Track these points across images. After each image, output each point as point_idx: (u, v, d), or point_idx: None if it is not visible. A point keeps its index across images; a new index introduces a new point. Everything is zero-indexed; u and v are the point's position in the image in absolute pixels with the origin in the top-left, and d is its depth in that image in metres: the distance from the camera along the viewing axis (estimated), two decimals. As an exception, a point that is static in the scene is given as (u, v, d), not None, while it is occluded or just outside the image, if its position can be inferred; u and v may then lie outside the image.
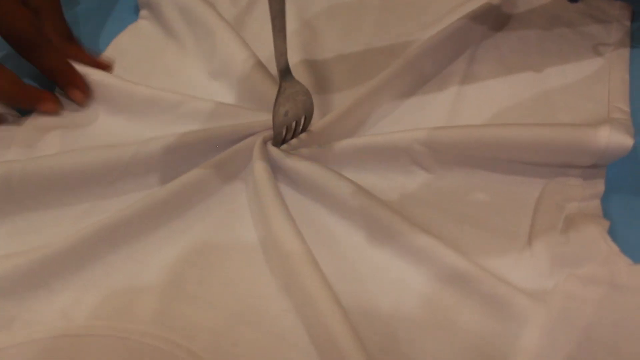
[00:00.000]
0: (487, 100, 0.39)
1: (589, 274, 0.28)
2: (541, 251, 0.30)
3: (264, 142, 0.35)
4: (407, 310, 0.29)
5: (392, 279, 0.30)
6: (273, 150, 0.35)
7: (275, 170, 0.35)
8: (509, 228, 0.32)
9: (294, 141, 0.36)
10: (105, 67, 0.42)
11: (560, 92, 0.38)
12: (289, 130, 0.35)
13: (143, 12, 0.48)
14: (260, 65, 0.39)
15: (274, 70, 0.34)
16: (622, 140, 0.31)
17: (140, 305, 0.29)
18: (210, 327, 0.29)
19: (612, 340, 0.26)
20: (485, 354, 0.26)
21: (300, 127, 0.36)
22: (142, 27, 0.47)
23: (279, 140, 0.36)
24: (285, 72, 0.34)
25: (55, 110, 0.39)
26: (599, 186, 0.32)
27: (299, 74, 0.40)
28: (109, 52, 0.45)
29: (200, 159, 0.35)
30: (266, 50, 0.36)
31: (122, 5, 0.51)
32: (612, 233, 0.30)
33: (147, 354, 0.27)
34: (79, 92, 0.39)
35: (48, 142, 0.38)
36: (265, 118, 0.36)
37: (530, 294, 0.27)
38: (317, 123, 0.36)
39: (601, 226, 0.30)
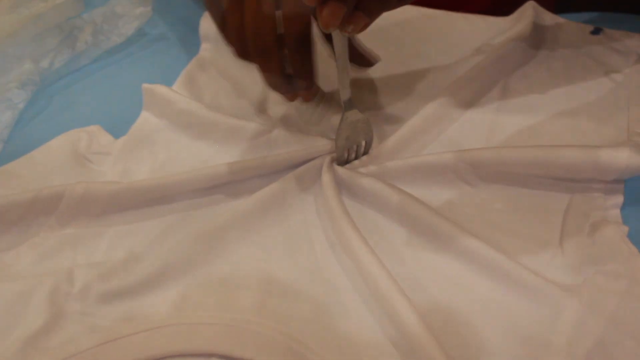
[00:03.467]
0: (520, 124, 0.43)
1: (612, 270, 0.32)
2: (571, 252, 0.34)
3: (331, 162, 0.41)
4: (466, 308, 0.33)
5: (449, 280, 0.35)
6: (337, 168, 0.41)
7: (340, 185, 0.41)
8: (541, 235, 0.36)
9: (356, 162, 0.42)
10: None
11: (585, 118, 0.43)
12: (350, 152, 0.42)
13: (205, 45, 0.55)
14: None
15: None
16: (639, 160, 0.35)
17: (238, 299, 0.35)
18: (301, 317, 0.34)
19: (635, 326, 0.30)
20: (529, 336, 0.31)
21: (362, 149, 0.42)
22: (206, 58, 0.54)
23: (342, 161, 0.42)
24: (348, 103, 0.40)
25: (310, 99, 0.45)
26: (619, 198, 0.36)
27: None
28: (181, 82, 0.52)
29: (276, 177, 0.41)
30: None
31: (183, 41, 0.59)
32: (630, 237, 0.34)
33: (251, 338, 0.32)
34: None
35: (140, 161, 0.45)
36: (332, 142, 0.42)
37: (563, 287, 0.32)
38: (376, 147, 0.42)
39: (621, 231, 0.34)
